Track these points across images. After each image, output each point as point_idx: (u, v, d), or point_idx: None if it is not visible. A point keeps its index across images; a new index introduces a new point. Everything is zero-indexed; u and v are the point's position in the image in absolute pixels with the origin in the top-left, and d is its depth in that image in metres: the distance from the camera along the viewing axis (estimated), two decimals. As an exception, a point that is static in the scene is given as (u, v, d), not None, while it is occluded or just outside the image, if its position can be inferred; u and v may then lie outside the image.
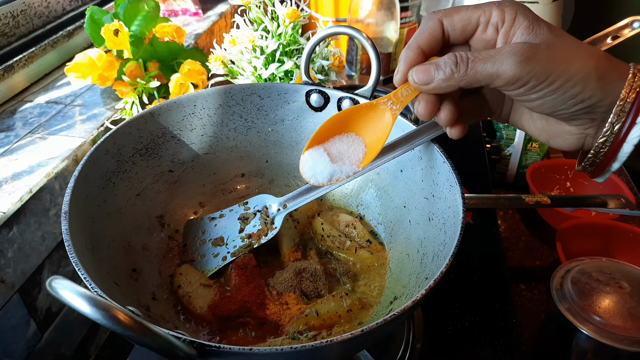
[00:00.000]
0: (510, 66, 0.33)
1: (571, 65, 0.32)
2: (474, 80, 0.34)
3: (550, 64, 0.32)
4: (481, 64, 0.34)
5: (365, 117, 0.42)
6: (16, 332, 0.58)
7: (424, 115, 0.38)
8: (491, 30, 0.36)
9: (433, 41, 0.37)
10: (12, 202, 0.56)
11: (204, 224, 0.62)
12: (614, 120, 0.33)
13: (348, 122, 0.43)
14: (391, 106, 0.40)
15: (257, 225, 0.59)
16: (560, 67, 0.32)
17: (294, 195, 0.57)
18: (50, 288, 0.31)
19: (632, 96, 0.32)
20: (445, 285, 0.66)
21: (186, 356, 0.34)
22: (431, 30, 0.37)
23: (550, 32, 0.34)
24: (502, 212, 0.90)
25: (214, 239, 0.60)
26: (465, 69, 0.34)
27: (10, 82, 0.78)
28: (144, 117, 0.59)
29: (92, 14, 0.80)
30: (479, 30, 0.36)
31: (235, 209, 0.62)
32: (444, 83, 0.35)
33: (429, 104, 0.38)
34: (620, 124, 0.33)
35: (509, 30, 0.35)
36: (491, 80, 0.34)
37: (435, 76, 0.35)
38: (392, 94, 0.40)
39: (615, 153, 0.35)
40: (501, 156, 0.94)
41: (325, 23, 1.21)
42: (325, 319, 0.51)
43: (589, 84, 0.33)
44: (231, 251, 0.58)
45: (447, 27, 0.37)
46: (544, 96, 0.34)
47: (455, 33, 0.37)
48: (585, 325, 0.54)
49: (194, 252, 0.60)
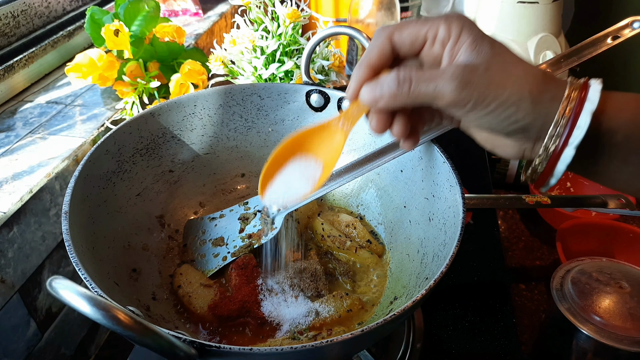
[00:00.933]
0: (450, 90, 0.35)
1: (505, 90, 0.34)
2: (416, 100, 0.36)
3: (486, 88, 0.34)
4: (424, 86, 0.36)
5: (318, 137, 0.44)
6: (16, 332, 0.58)
7: (377, 129, 0.40)
8: (438, 46, 0.37)
9: (383, 57, 0.39)
10: (12, 202, 0.56)
11: (204, 224, 0.62)
12: (548, 144, 0.36)
13: (303, 143, 0.44)
14: (342, 126, 0.42)
15: (257, 225, 0.59)
16: (495, 91, 0.34)
17: None
18: (51, 288, 0.31)
19: (564, 120, 0.34)
20: (446, 285, 0.66)
21: (186, 356, 0.34)
22: (380, 47, 0.38)
23: (492, 49, 0.36)
24: (502, 212, 0.90)
25: (214, 239, 0.60)
26: (408, 89, 0.36)
27: (11, 82, 0.78)
28: (144, 117, 0.59)
29: (93, 14, 0.80)
30: (427, 45, 0.38)
31: (235, 209, 0.62)
32: (390, 101, 0.37)
33: (381, 118, 0.40)
34: (555, 146, 0.35)
35: (453, 46, 0.36)
36: (432, 101, 0.36)
37: (380, 95, 0.37)
38: (343, 113, 0.42)
39: (551, 170, 0.37)
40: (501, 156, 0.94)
41: (326, 23, 1.21)
42: (325, 319, 0.51)
43: (522, 107, 0.35)
44: (231, 251, 0.58)
45: (397, 42, 0.38)
46: (480, 117, 0.36)
47: (405, 48, 0.39)
48: (586, 325, 0.54)
49: (194, 252, 0.60)
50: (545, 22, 1.08)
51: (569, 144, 0.35)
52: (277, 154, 0.44)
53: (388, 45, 0.38)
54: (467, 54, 0.36)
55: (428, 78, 0.36)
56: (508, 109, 0.35)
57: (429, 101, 0.36)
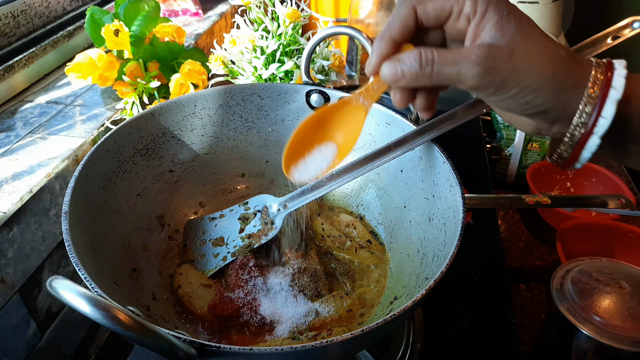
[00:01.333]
0: (473, 75, 0.35)
1: (527, 76, 0.34)
2: (438, 82, 0.36)
3: (509, 74, 0.34)
4: (447, 68, 0.35)
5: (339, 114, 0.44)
6: (16, 332, 0.58)
7: (400, 104, 0.40)
8: (463, 20, 0.36)
9: (406, 30, 0.38)
10: (12, 202, 0.56)
11: (204, 224, 0.62)
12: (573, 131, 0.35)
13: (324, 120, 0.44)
14: (364, 102, 0.42)
15: (257, 226, 0.59)
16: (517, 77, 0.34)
17: (294, 195, 0.57)
18: (51, 288, 0.31)
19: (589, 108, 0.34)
20: (446, 285, 0.66)
21: (186, 356, 0.34)
22: (404, 18, 0.37)
23: (518, 29, 0.35)
24: (502, 212, 0.90)
25: (214, 239, 0.60)
26: (430, 71, 0.36)
27: (11, 82, 0.78)
28: (144, 117, 0.59)
29: (93, 14, 0.80)
30: (452, 18, 0.37)
31: (235, 209, 0.62)
32: (411, 82, 0.37)
33: (403, 94, 0.40)
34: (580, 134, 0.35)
35: (479, 23, 0.36)
36: (455, 83, 0.36)
37: (402, 74, 0.37)
38: (364, 88, 0.42)
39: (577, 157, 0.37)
40: (501, 156, 0.94)
41: (326, 23, 1.21)
42: (325, 319, 0.51)
43: (543, 93, 0.35)
44: (231, 251, 0.58)
45: (421, 14, 0.37)
46: (501, 100, 0.36)
47: (429, 21, 0.38)
48: (585, 325, 0.54)
49: (194, 252, 0.60)
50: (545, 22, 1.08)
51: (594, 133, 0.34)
52: (299, 131, 0.44)
53: (412, 16, 0.37)
54: (491, 33, 0.35)
55: (451, 61, 0.35)
56: (529, 94, 0.35)
57: (452, 83, 0.36)
